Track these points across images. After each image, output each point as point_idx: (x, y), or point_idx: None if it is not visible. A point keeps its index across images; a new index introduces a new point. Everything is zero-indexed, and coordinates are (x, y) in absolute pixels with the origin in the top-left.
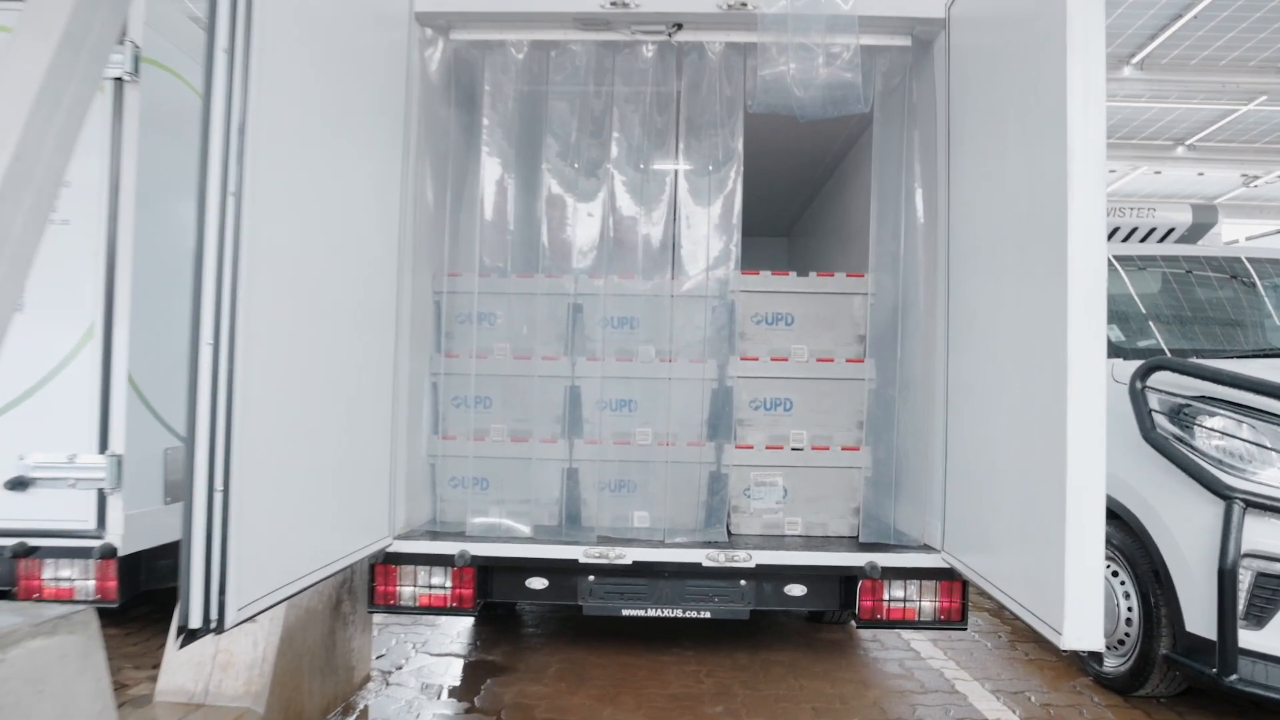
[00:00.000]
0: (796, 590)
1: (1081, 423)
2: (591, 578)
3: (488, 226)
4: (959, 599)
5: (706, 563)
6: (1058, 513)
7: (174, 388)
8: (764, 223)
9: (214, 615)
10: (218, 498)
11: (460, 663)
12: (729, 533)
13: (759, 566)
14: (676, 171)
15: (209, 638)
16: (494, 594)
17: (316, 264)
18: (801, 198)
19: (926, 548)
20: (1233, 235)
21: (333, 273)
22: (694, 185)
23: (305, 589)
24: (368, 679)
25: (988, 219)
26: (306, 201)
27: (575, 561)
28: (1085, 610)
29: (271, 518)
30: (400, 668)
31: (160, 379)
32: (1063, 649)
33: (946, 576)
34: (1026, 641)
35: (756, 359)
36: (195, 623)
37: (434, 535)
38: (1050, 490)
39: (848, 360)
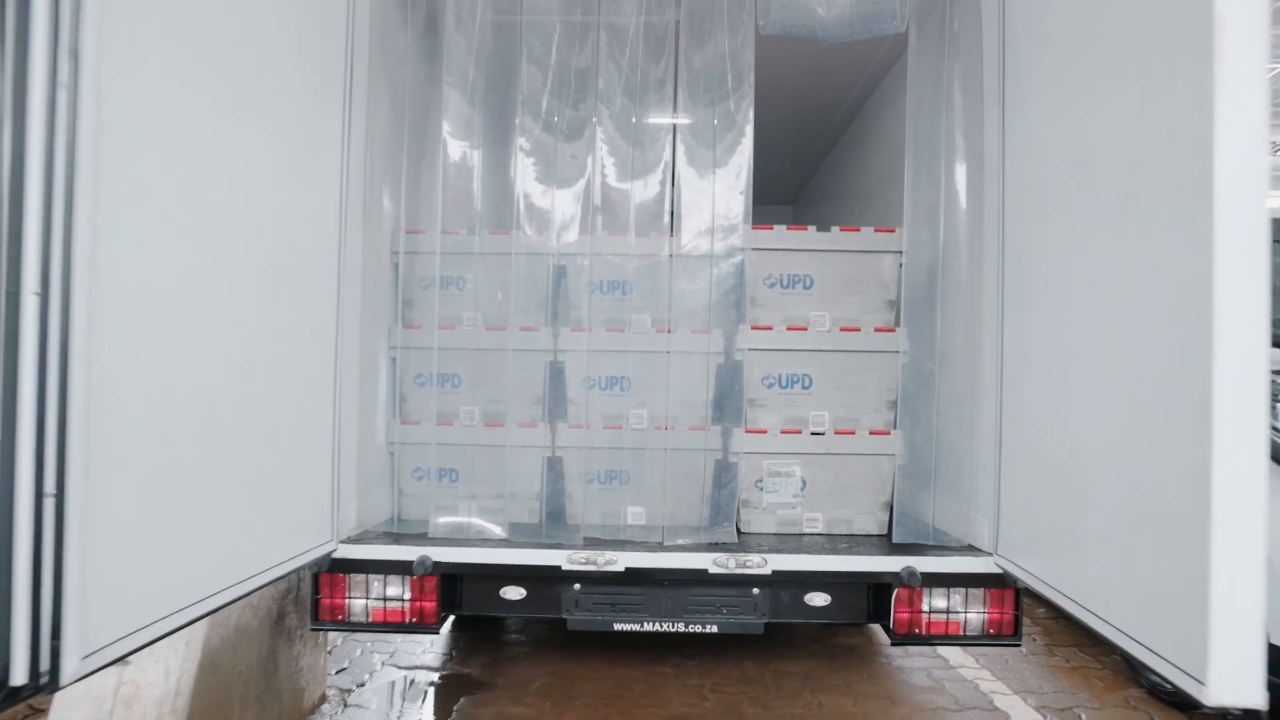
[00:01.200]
0: (819, 600)
1: (1235, 410)
2: (577, 586)
3: (453, 174)
4: (1011, 609)
5: (713, 569)
6: (1194, 525)
7: None
8: (765, 188)
9: (45, 667)
10: (48, 504)
11: (432, 677)
12: (738, 531)
13: (775, 573)
14: (676, 105)
15: (112, 669)
16: (463, 605)
17: (211, 210)
18: (812, 156)
19: (971, 549)
20: None
21: (237, 223)
22: (697, 124)
23: (199, 618)
24: (322, 700)
25: (1064, 163)
26: (194, 135)
27: (558, 569)
28: (1241, 655)
29: (139, 530)
30: (362, 685)
31: None
32: (1207, 705)
33: (997, 584)
34: (1065, 646)
35: (770, 328)
36: (17, 678)
37: (392, 538)
38: (1180, 492)
39: (876, 329)
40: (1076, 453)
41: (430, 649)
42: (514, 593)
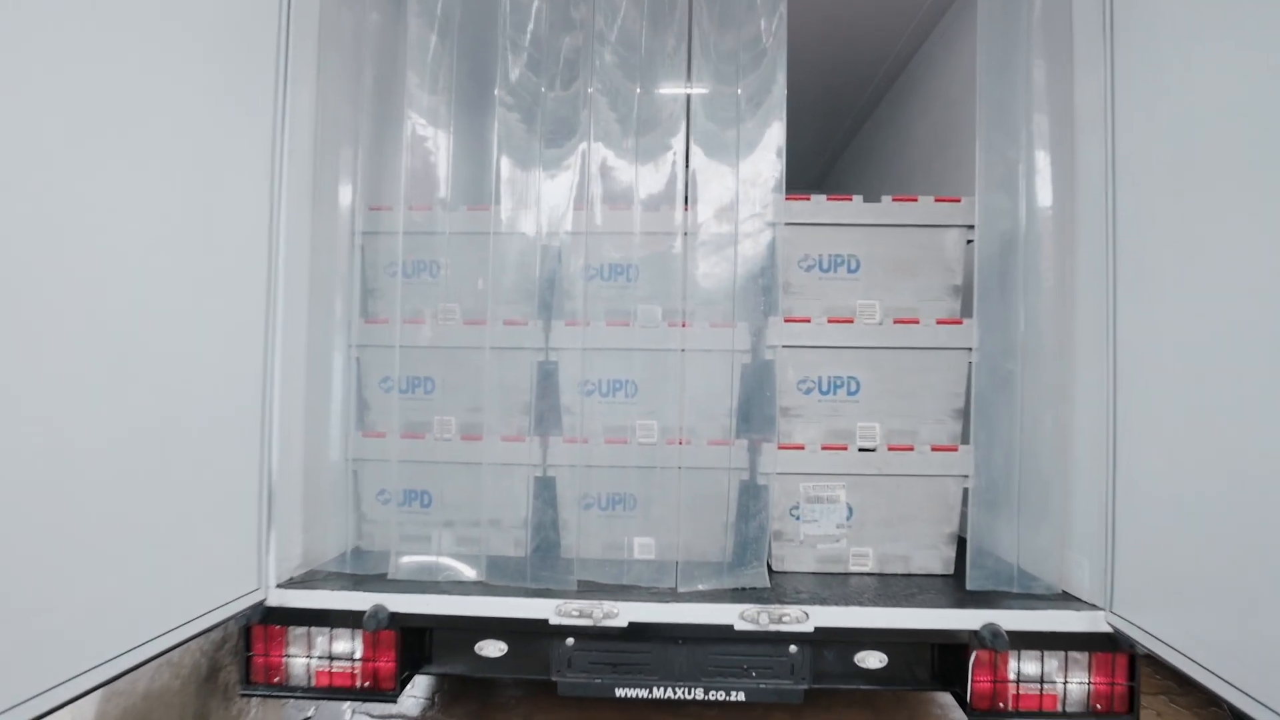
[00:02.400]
0: (873, 660)
1: None
2: (570, 641)
3: (422, 138)
4: (1125, 679)
5: (740, 624)
6: None
7: None
8: (789, 170)
9: None
10: None
11: None
12: (770, 570)
13: (818, 630)
14: (690, 42)
15: None
16: (431, 661)
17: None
18: (843, 130)
19: (1068, 598)
20: None
21: (104, 202)
22: (718, 65)
23: (69, 701)
24: None
25: (1218, 120)
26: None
27: (545, 623)
28: None
29: None
30: None
31: None
32: None
33: (1107, 646)
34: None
35: (807, 320)
36: None
37: (346, 580)
38: None
39: (939, 321)
40: (1245, 481)
41: (410, 692)
42: (492, 648)
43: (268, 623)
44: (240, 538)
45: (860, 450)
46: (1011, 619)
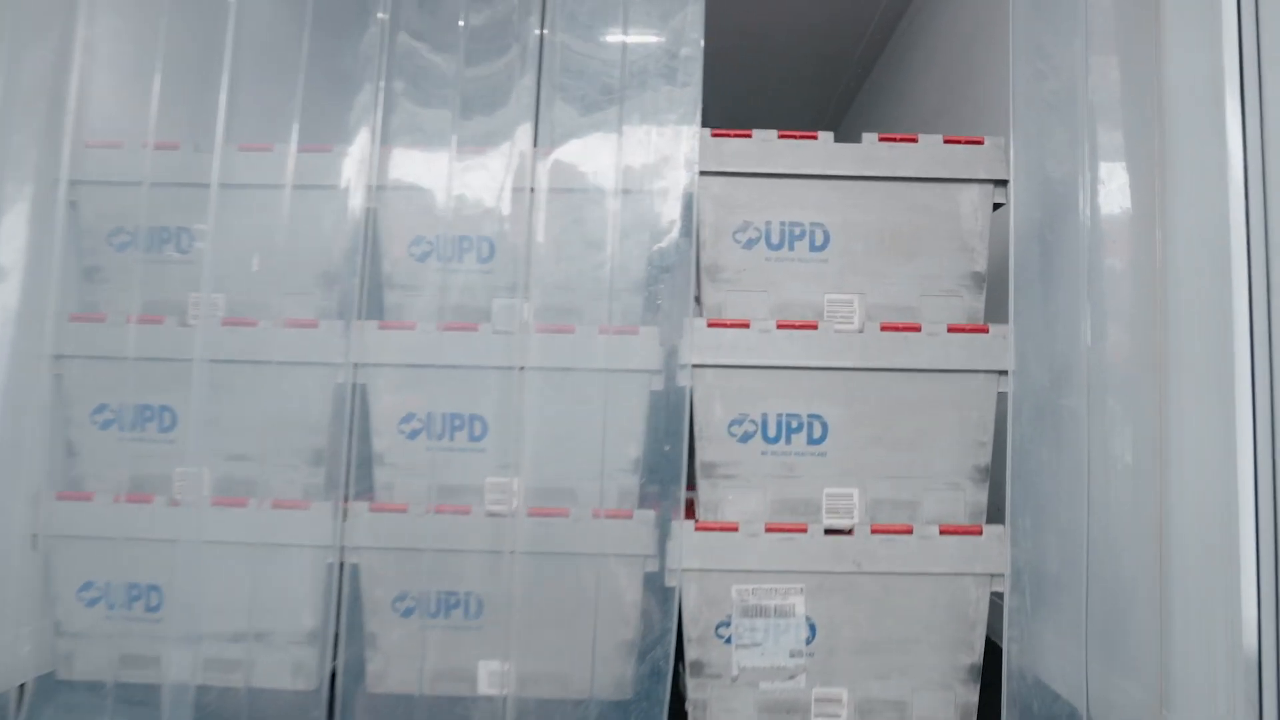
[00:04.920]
0: None
1: None
2: None
3: (175, 44)
4: None
5: None
6: None
7: None
8: (792, 116)
9: None
10: None
11: None
12: None
13: None
14: None
15: None
16: None
17: None
18: (847, 78)
19: None
20: None
21: None
22: None
23: None
24: None
25: None
26: None
27: None
28: None
29: None
30: None
31: None
32: None
33: None
34: None
35: (745, 324)
36: None
37: None
38: None
39: (952, 329)
40: None
41: None
42: None
43: None
44: None
45: (828, 532)
46: None
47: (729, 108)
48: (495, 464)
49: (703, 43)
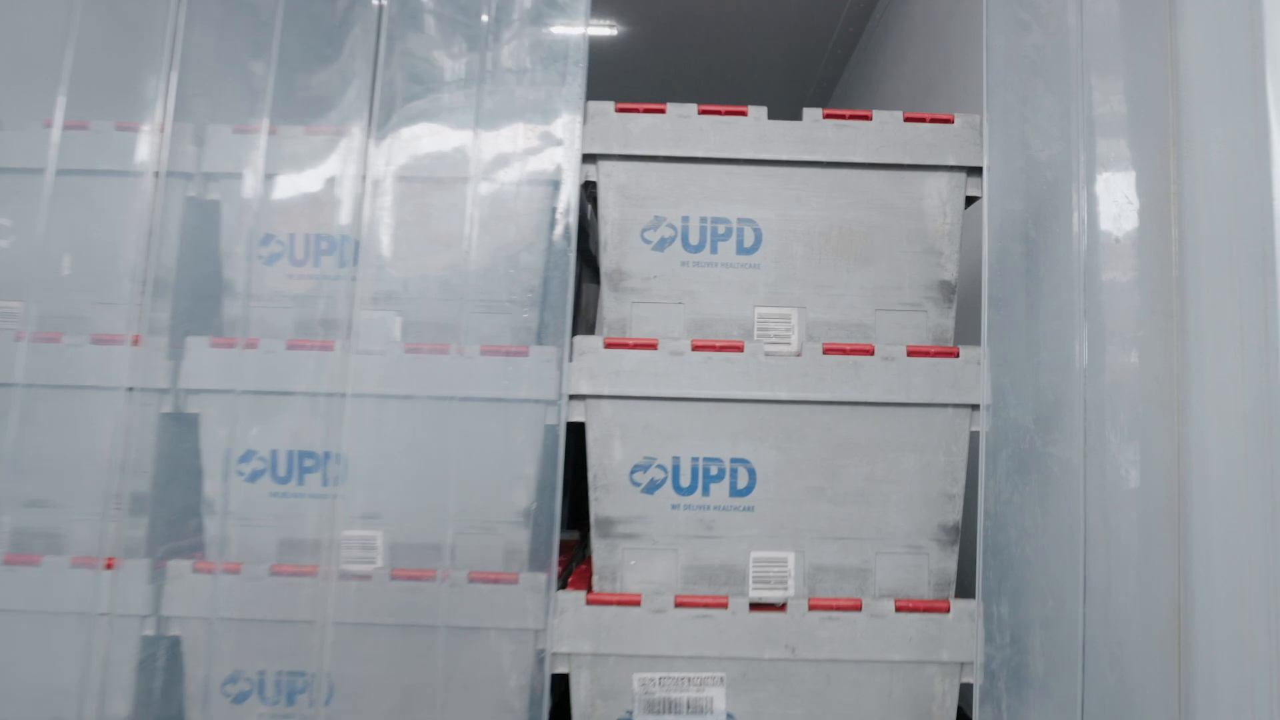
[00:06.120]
0: None
1: None
2: None
3: None
4: None
5: None
6: None
7: None
8: (773, 91)
9: None
10: None
11: None
12: None
13: None
14: None
15: None
16: None
17: None
18: (828, 53)
19: None
20: None
21: None
22: None
23: None
24: None
25: None
26: None
27: None
28: None
29: None
30: None
31: None
32: None
33: None
34: None
35: (651, 345)
36: None
37: None
38: None
39: (912, 352)
40: None
41: None
42: None
43: None
44: None
45: (755, 607)
46: None
47: (697, 93)
48: (355, 514)
49: None
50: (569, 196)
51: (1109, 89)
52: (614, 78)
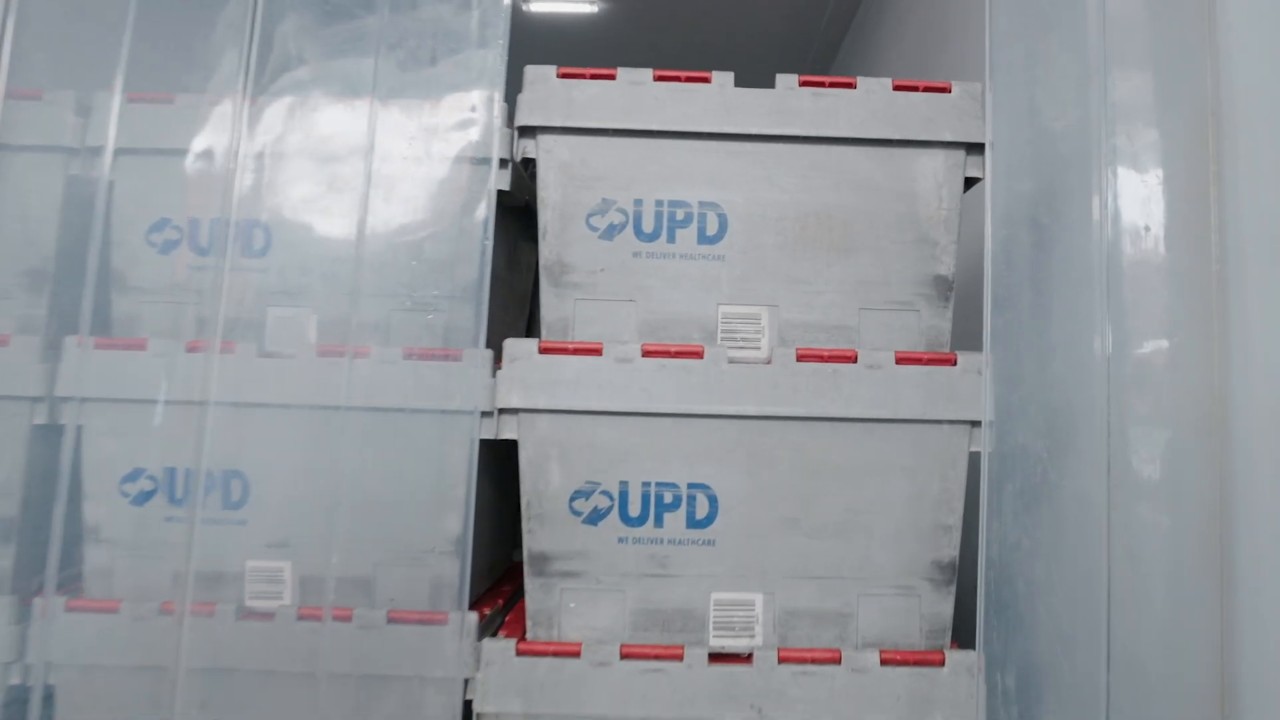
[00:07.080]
0: None
1: None
2: None
3: None
4: None
5: None
6: None
7: None
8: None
9: None
10: None
11: None
12: None
13: None
14: None
15: None
16: None
17: None
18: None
19: None
20: None
21: None
22: None
23: None
24: None
25: None
26: None
27: None
28: None
29: None
30: None
31: None
32: None
33: None
34: None
35: (595, 350)
36: None
37: None
38: None
39: (902, 359)
40: None
41: None
42: None
43: None
44: None
45: (716, 659)
46: None
47: (690, 60)
48: (260, 541)
49: None
50: (492, 175)
51: (1134, 47)
52: (594, 60)
